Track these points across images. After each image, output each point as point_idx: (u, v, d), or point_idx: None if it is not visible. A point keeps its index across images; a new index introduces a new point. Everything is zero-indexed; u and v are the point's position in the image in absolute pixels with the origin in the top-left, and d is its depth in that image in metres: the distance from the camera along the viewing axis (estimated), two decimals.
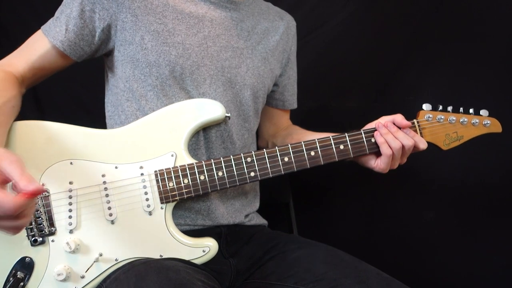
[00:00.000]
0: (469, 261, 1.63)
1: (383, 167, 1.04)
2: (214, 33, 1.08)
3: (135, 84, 1.04)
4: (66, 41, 1.02)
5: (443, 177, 1.62)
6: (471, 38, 1.58)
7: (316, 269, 0.98)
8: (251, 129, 1.17)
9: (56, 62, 1.06)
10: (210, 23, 1.08)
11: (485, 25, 1.57)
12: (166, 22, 1.03)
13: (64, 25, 1.02)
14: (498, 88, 1.57)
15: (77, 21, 1.02)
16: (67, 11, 1.03)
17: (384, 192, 1.65)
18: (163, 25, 1.03)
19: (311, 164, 1.01)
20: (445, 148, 1.09)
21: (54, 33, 1.03)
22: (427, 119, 1.07)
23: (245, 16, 1.14)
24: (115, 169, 0.97)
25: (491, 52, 1.58)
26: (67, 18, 1.02)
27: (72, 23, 1.02)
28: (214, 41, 1.07)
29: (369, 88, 1.65)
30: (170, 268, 0.84)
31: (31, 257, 0.93)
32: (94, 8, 1.01)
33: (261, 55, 1.15)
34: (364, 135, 1.04)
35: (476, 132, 1.11)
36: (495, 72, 1.58)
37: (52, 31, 1.03)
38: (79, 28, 1.02)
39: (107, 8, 1.01)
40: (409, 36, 1.61)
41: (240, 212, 1.12)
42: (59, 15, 1.04)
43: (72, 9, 1.02)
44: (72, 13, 1.02)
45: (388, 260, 1.33)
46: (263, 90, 1.17)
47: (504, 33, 1.56)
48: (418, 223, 1.65)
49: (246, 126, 1.15)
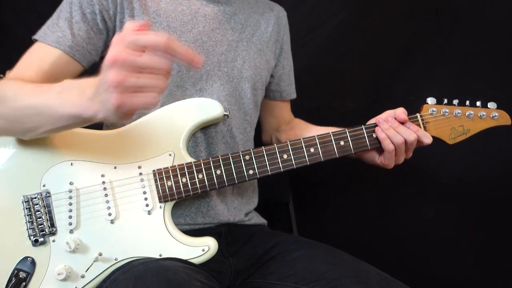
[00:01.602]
0: (469, 261, 1.62)
1: (387, 163, 1.03)
2: (208, 28, 1.08)
3: None
4: (75, 46, 0.99)
5: (443, 176, 1.62)
6: (471, 38, 1.58)
7: (316, 269, 0.98)
8: (252, 122, 1.18)
9: (67, 70, 1.00)
10: (203, 18, 1.09)
11: (485, 24, 1.57)
12: (161, 21, 1.04)
13: (68, 29, 0.98)
14: (498, 88, 1.56)
15: (81, 25, 0.99)
16: (65, 15, 1.00)
17: (384, 192, 1.64)
18: (157, 24, 1.04)
19: (310, 161, 1.00)
20: (451, 142, 1.06)
21: (56, 39, 0.98)
22: (431, 113, 1.05)
23: (237, 10, 1.15)
24: (114, 169, 0.97)
25: (492, 52, 1.57)
26: (68, 22, 0.99)
27: (77, 27, 0.99)
28: (209, 36, 1.08)
29: (369, 88, 1.65)
30: (169, 269, 0.84)
31: (33, 257, 0.93)
32: (95, 10, 1.01)
33: (256, 47, 1.16)
34: (365, 130, 1.03)
35: (484, 125, 1.07)
36: (496, 72, 1.58)
37: (53, 37, 0.98)
38: (84, 32, 1.00)
39: (107, 9, 1.02)
40: (409, 36, 1.61)
41: (239, 210, 1.12)
42: (56, 20, 1.00)
43: (72, 13, 0.99)
44: (74, 17, 0.99)
45: (388, 260, 1.33)
46: (260, 81, 1.17)
47: (505, 33, 1.56)
48: (418, 223, 1.64)
49: (247, 119, 1.15)
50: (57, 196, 0.95)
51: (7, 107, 0.85)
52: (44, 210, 0.94)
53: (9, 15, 1.60)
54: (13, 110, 0.85)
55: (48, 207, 0.95)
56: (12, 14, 1.60)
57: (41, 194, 0.95)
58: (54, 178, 0.96)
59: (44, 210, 0.94)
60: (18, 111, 0.84)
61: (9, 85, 0.89)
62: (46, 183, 0.96)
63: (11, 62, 1.61)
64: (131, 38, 0.63)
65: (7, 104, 0.85)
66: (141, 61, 0.63)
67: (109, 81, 0.62)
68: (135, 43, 0.63)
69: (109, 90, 0.63)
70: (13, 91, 0.86)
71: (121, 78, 0.62)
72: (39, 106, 0.81)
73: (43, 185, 0.96)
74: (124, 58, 0.62)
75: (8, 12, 1.60)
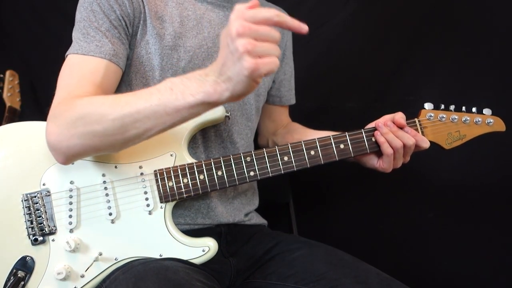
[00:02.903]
0: (469, 261, 1.62)
1: (386, 167, 1.04)
2: (213, 34, 1.08)
3: (137, 88, 1.03)
4: (116, 54, 0.97)
5: (443, 177, 1.62)
6: (471, 38, 1.58)
7: (316, 269, 0.98)
8: (253, 127, 1.18)
9: (116, 80, 0.99)
10: (208, 23, 1.08)
11: (485, 24, 1.57)
12: (167, 27, 1.03)
13: (104, 38, 0.96)
14: (498, 88, 1.57)
15: (113, 32, 0.97)
16: (93, 25, 0.97)
17: (384, 192, 1.64)
18: (164, 30, 1.03)
19: (311, 164, 1.01)
20: (448, 147, 1.08)
21: (98, 49, 0.95)
22: (429, 118, 1.06)
23: None
24: (115, 169, 0.97)
25: (492, 52, 1.57)
26: (100, 31, 0.96)
27: (109, 35, 0.97)
28: (213, 41, 1.07)
29: (369, 88, 1.65)
30: (169, 269, 0.84)
31: (32, 256, 0.93)
32: (118, 16, 0.98)
33: None
34: (364, 134, 1.04)
35: (479, 131, 1.09)
36: (495, 72, 1.58)
37: (92, 47, 0.95)
38: (117, 39, 0.98)
39: (126, 14, 1.00)
40: (409, 36, 1.61)
41: (240, 211, 1.12)
42: (86, 31, 0.97)
43: (99, 21, 0.97)
44: (102, 26, 0.97)
45: (388, 260, 1.33)
46: (263, 87, 1.17)
47: (505, 33, 1.56)
48: (418, 223, 1.65)
49: (249, 125, 1.15)
50: (57, 195, 0.95)
51: (107, 121, 0.83)
52: (44, 209, 0.94)
53: (9, 15, 1.60)
54: (114, 122, 0.82)
55: (48, 206, 0.94)
56: (12, 14, 1.60)
57: (41, 193, 0.95)
58: (54, 177, 0.96)
59: (44, 209, 0.94)
60: (121, 121, 0.82)
61: (96, 102, 0.87)
62: (46, 182, 0.96)
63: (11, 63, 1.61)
64: (249, 13, 0.70)
65: (106, 118, 0.83)
66: (261, 31, 0.69)
67: (241, 49, 0.68)
68: (253, 18, 0.69)
69: (242, 58, 0.69)
70: (107, 104, 0.84)
71: (252, 44, 0.68)
72: (149, 108, 0.80)
73: (43, 184, 0.95)
74: (249, 28, 0.68)
75: (8, 12, 1.60)
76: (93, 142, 0.86)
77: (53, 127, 0.88)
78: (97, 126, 0.84)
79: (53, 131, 0.88)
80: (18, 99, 1.64)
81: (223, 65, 0.73)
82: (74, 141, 0.86)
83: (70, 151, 0.88)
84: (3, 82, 1.61)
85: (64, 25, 1.60)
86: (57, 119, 0.88)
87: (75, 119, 0.85)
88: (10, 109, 1.61)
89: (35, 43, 1.66)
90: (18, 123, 0.99)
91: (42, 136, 0.95)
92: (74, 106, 0.87)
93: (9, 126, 1.00)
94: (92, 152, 0.92)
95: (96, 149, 0.89)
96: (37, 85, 1.71)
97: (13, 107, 1.62)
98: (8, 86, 1.61)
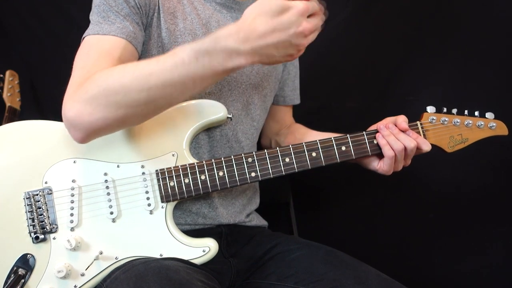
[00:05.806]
0: (468, 262, 1.63)
1: (386, 169, 1.04)
2: None
3: None
4: (136, 37, 0.96)
5: (443, 178, 1.62)
6: (471, 38, 1.58)
7: (316, 269, 0.98)
8: (259, 128, 1.18)
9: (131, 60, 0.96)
10: (216, 24, 1.08)
11: (486, 25, 1.57)
12: (177, 23, 1.04)
13: (125, 21, 0.95)
14: (498, 88, 1.57)
15: (133, 17, 0.97)
16: (114, 10, 0.95)
17: (384, 193, 1.65)
18: (174, 25, 1.03)
19: (312, 165, 1.01)
20: (450, 150, 1.08)
21: (120, 29, 0.94)
22: (431, 121, 1.06)
23: None
24: (117, 168, 0.97)
25: (492, 52, 1.57)
26: (120, 15, 0.95)
27: (129, 19, 0.96)
28: None
29: (369, 88, 1.65)
30: (170, 268, 0.84)
31: (33, 254, 0.93)
32: (136, 3, 0.98)
33: None
34: (366, 136, 1.04)
35: (482, 135, 1.09)
36: (495, 72, 1.58)
37: (114, 28, 0.94)
38: (136, 24, 0.97)
39: (143, 5, 0.99)
40: (409, 36, 1.61)
41: (240, 211, 1.13)
42: (106, 14, 0.95)
43: (119, 6, 0.95)
44: (122, 10, 0.95)
45: (388, 261, 1.33)
46: (268, 88, 1.17)
47: (505, 33, 1.56)
48: (417, 224, 1.65)
49: (255, 125, 1.16)
50: (59, 194, 0.95)
51: (130, 92, 0.82)
52: (46, 207, 0.94)
53: (9, 15, 1.59)
54: (140, 94, 0.81)
55: (50, 205, 0.95)
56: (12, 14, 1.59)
57: (43, 191, 0.95)
58: (56, 176, 0.96)
59: (45, 207, 0.94)
60: (146, 93, 0.81)
61: (116, 73, 0.85)
62: (48, 180, 0.96)
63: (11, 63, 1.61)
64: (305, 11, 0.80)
65: (130, 89, 0.82)
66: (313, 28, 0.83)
67: (301, 47, 0.83)
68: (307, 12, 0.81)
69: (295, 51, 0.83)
70: (130, 74, 0.83)
71: (307, 42, 0.82)
72: (176, 79, 0.80)
73: (45, 182, 0.96)
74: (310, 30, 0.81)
75: (8, 14, 1.60)
76: (117, 114, 0.84)
77: (72, 103, 0.85)
78: (120, 97, 0.82)
79: (73, 107, 0.85)
80: (18, 99, 1.64)
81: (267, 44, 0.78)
82: (96, 115, 0.84)
83: (92, 126, 0.86)
84: (3, 82, 1.61)
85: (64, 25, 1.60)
86: (76, 95, 0.85)
87: (97, 92, 0.83)
88: (10, 109, 1.60)
89: (35, 43, 1.65)
90: (19, 122, 0.99)
91: (43, 135, 0.95)
92: (93, 80, 0.85)
93: (9, 126, 1.00)
94: (114, 126, 0.89)
95: (119, 121, 0.87)
96: (37, 85, 1.71)
97: (13, 107, 1.61)
98: (8, 86, 1.61)
